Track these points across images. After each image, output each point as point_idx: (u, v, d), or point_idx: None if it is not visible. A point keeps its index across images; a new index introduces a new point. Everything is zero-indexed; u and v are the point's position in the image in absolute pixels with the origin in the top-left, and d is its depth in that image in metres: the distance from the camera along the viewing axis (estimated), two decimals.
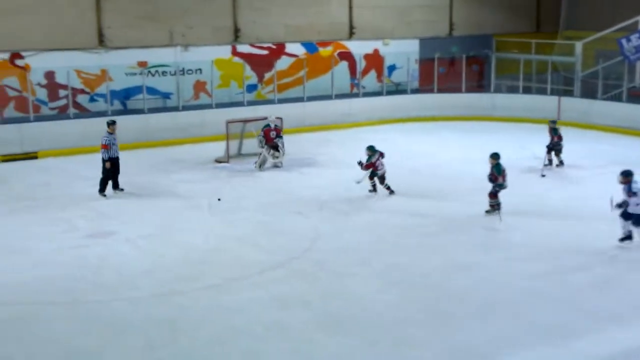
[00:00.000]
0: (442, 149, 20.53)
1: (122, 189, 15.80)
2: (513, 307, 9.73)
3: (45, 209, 14.65)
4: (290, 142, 19.94)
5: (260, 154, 18.24)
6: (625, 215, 11.83)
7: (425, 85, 26.75)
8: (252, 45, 24.39)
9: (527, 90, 25.99)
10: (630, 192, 11.70)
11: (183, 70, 23.26)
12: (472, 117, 24.96)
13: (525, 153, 19.26)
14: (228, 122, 19.12)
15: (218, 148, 19.31)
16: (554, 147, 17.80)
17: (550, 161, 17.81)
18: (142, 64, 22.48)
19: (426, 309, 9.70)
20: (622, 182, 11.81)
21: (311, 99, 24.11)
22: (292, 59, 24.99)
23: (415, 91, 26.62)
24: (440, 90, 25.98)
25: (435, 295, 10.17)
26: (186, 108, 22.68)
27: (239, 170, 18.07)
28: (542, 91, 25.75)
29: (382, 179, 15.35)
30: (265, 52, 24.63)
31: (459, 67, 25.91)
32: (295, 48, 25.14)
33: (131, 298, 10.13)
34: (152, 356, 8.46)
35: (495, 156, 13.78)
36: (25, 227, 13.41)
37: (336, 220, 13.80)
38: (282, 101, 23.60)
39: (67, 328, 9.21)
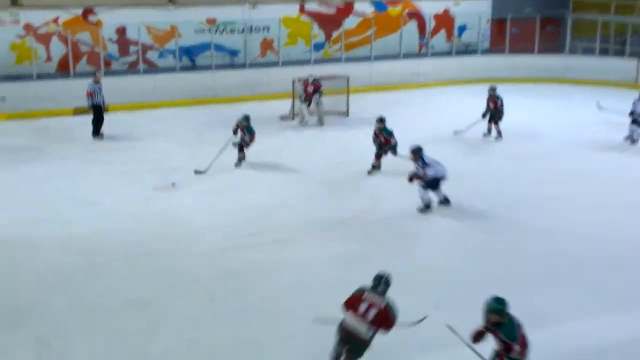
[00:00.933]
0: (513, 111, 20.03)
1: (102, 134, 16.90)
2: (583, 274, 9.49)
3: (114, 161, 14.92)
4: (356, 102, 19.82)
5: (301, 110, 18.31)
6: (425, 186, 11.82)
7: (496, 46, 26.12)
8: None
9: (603, 53, 25.08)
10: (424, 165, 11.64)
11: (251, 27, 23.24)
12: (545, 79, 24.27)
13: (601, 116, 18.71)
14: (294, 80, 19.08)
15: (284, 106, 19.30)
16: (494, 115, 16.82)
17: (490, 130, 16.97)
18: (211, 22, 22.55)
19: (493, 272, 9.54)
20: (412, 160, 11.80)
21: (379, 58, 23.78)
22: (360, 18, 24.70)
23: (485, 52, 26.03)
24: (512, 52, 25.33)
25: (502, 258, 9.99)
26: (253, 66, 22.70)
27: (304, 128, 18.03)
28: (619, 53, 24.84)
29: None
30: (333, 10, 24.41)
31: (533, 27, 25.12)
32: (363, 7, 24.80)
33: (196, 251, 10.25)
34: (216, 309, 8.57)
35: (381, 121, 13.96)
36: (94, 180, 13.68)
37: (401, 180, 13.62)
38: (349, 60, 23.39)
39: (135, 278, 9.40)
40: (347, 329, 6.80)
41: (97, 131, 16.92)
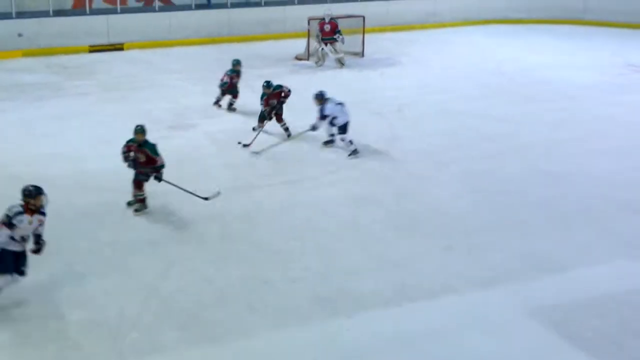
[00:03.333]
0: (530, 53, 19.84)
1: None
2: (596, 219, 9.49)
3: (129, 100, 14.98)
4: (372, 42, 19.65)
5: (318, 50, 18.13)
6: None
7: None
8: None
9: None
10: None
11: None
12: (564, 20, 23.93)
13: (616, 60, 18.48)
14: (310, 19, 18.90)
15: (299, 45, 19.17)
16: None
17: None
18: None
19: (503, 216, 9.58)
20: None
21: None
22: None
23: None
24: None
25: (513, 203, 10.02)
26: (268, 4, 22.52)
27: (319, 68, 17.95)
28: None
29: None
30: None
31: None
32: None
33: (210, 190, 10.34)
34: (230, 247, 8.70)
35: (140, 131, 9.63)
36: (110, 117, 13.75)
37: (415, 123, 13.64)
38: None
39: (149, 216, 9.52)
40: None
41: None
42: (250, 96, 14.92)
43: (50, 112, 14.11)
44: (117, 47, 19.79)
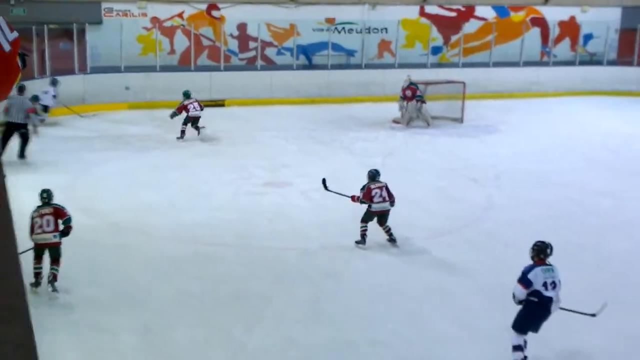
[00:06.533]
0: (636, 126, 19.21)
1: (24, 157, 14.22)
2: None
3: (227, 155, 15.28)
4: (472, 108, 19.49)
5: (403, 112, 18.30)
6: None
7: (624, 57, 25.06)
8: (440, 6, 23.93)
9: None
10: None
11: (369, 28, 23.30)
12: None
13: None
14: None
15: (397, 108, 19.20)
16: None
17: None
18: (330, 21, 22.76)
19: (601, 294, 9.11)
20: None
21: (497, 64, 23.36)
22: (481, 23, 24.30)
23: (612, 63, 25.03)
24: None
25: (614, 281, 9.54)
26: (369, 66, 22.78)
27: (416, 132, 17.89)
28: None
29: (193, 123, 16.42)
30: (453, 14, 24.10)
31: None
32: (485, 11, 24.41)
33: (301, 248, 10.33)
34: (317, 306, 8.59)
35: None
36: (207, 171, 14.05)
37: (512, 192, 13.32)
38: (466, 65, 23.06)
39: (239, 270, 9.56)
40: None
41: (18, 153, 14.14)
42: (345, 158, 15.00)
43: (151, 163, 14.54)
44: (219, 103, 20.36)
